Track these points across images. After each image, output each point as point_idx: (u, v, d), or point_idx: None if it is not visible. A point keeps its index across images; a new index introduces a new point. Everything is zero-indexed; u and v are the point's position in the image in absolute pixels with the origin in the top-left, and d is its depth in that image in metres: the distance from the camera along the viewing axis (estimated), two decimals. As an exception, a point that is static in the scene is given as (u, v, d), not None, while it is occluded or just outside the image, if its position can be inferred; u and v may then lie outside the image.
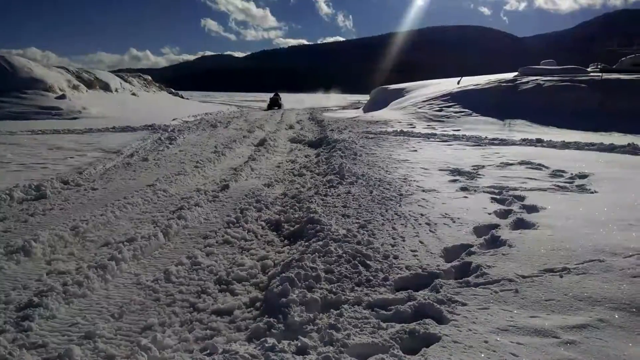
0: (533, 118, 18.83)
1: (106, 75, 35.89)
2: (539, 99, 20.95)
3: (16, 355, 2.91)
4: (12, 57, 28.60)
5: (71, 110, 24.19)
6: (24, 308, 3.50)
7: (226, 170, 9.82)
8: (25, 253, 4.62)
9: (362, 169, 8.77)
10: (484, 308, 3.30)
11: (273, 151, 12.69)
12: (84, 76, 31.96)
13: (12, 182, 7.67)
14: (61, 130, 17.05)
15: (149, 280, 4.14)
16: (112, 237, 5.32)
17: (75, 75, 31.42)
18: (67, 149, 12.15)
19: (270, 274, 4.19)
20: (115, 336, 3.22)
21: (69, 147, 12.48)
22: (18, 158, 10.52)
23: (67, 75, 30.28)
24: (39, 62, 31.12)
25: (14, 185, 7.34)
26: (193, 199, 7.04)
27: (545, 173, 8.37)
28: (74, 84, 29.31)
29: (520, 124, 18.41)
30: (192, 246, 5.12)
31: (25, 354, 2.94)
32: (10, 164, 9.83)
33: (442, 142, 13.70)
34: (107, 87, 33.17)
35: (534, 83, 22.83)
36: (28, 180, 7.95)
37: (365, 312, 3.37)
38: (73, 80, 29.72)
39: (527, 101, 20.97)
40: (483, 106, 21.10)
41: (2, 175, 8.55)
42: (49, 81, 27.11)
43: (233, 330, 3.33)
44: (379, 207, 6.14)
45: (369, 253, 4.38)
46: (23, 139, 14.34)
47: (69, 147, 12.59)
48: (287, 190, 7.68)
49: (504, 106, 20.64)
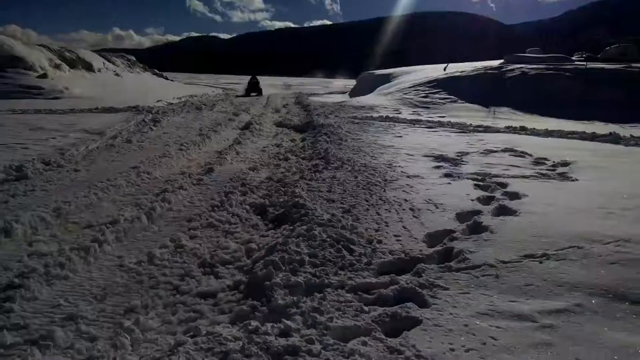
0: (518, 106, 18.96)
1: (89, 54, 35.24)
2: (524, 87, 21.08)
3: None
4: (-8, 35, 27.91)
5: (53, 89, 23.75)
6: (5, 289, 3.48)
7: (211, 153, 9.76)
8: (6, 234, 4.57)
9: (347, 154, 8.78)
10: (465, 293, 3.35)
11: (258, 135, 12.64)
12: (66, 55, 31.33)
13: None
14: (43, 110, 16.75)
15: (132, 263, 4.13)
16: (95, 219, 5.28)
17: (57, 54, 30.77)
18: (48, 130, 11.95)
19: (255, 258, 4.20)
20: (97, 318, 3.22)
21: (51, 128, 12.26)
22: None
23: (49, 54, 29.65)
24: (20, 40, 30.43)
25: (-6, 166, 7.23)
26: (177, 181, 7.00)
27: (528, 161, 8.46)
28: (56, 63, 28.72)
29: (505, 111, 18.54)
30: (176, 229, 5.10)
31: (7, 335, 2.92)
32: (-10, 143, 9.65)
33: (428, 129, 13.74)
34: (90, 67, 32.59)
35: (519, 71, 22.94)
36: (8, 160, 7.82)
37: (349, 295, 3.40)
38: (55, 59, 29.12)
39: (512, 89, 21.11)
40: (469, 93, 21.18)
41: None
42: (30, 60, 26.53)
43: (217, 312, 3.35)
44: (363, 192, 6.17)
45: (353, 237, 4.41)
46: (3, 118, 14.06)
47: (51, 127, 12.37)
48: (272, 175, 7.66)
49: (489, 93, 20.75)
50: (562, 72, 21.83)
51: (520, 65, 23.92)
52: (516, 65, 24.31)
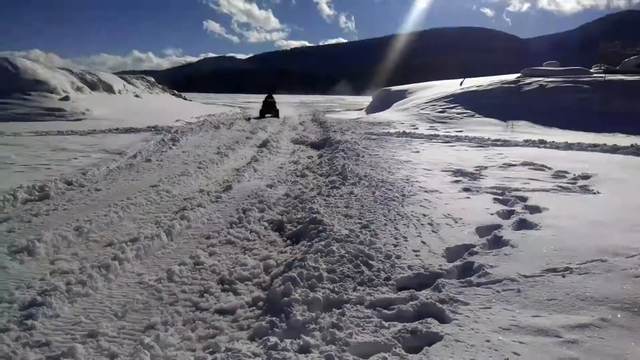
0: (536, 119, 18.80)
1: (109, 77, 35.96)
2: (542, 100, 20.92)
3: (19, 354, 2.93)
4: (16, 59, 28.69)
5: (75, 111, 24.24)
6: (28, 307, 3.52)
7: (229, 171, 9.84)
8: (29, 253, 4.65)
9: (364, 170, 8.78)
10: (486, 307, 3.30)
11: (276, 152, 12.71)
12: (87, 78, 32.02)
13: (16, 183, 7.70)
14: (65, 131, 17.09)
15: (152, 280, 4.16)
16: (115, 237, 5.34)
17: (79, 77, 31.47)
18: (70, 150, 12.19)
19: (273, 274, 4.20)
20: (118, 335, 3.23)
21: (73, 148, 12.51)
22: (22, 159, 10.55)
23: (71, 77, 30.35)
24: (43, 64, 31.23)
25: (18, 186, 7.38)
26: (196, 199, 7.06)
27: (548, 174, 8.36)
28: (78, 85, 29.37)
29: (523, 125, 18.39)
30: (195, 246, 5.13)
31: (29, 352, 2.96)
32: (14, 165, 9.86)
33: (445, 143, 13.70)
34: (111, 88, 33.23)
35: (537, 84, 22.80)
36: (32, 181, 7.98)
37: (368, 311, 3.38)
38: (77, 82, 29.78)
39: (530, 102, 20.95)
40: (486, 107, 21.08)
41: (6, 176, 8.58)
42: (52, 83, 27.17)
43: (236, 329, 3.34)
44: (381, 207, 6.15)
45: (371, 253, 4.39)
46: (27, 140, 14.38)
47: (73, 148, 12.62)
48: (289, 191, 7.68)
49: (506, 107, 20.62)
50: (580, 85, 21.63)
51: (538, 79, 23.77)
52: (534, 78, 24.17)
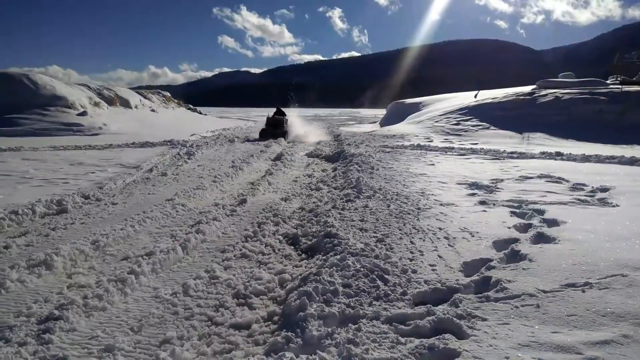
0: (552, 131, 18.63)
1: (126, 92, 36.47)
2: (557, 112, 20.74)
3: (37, 368, 2.94)
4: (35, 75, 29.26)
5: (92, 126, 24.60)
6: (45, 321, 3.54)
7: (244, 184, 9.88)
8: (47, 267, 4.69)
9: (379, 183, 8.75)
10: (504, 323, 3.26)
11: (290, 165, 12.75)
12: (104, 93, 32.53)
13: (35, 197, 7.81)
14: (82, 146, 17.34)
15: (167, 294, 4.16)
16: (131, 251, 5.38)
17: (97, 92, 31.99)
18: (88, 165, 12.35)
19: (288, 288, 4.18)
20: (134, 349, 3.23)
21: (90, 163, 12.68)
22: (40, 173, 10.72)
23: (89, 93, 30.86)
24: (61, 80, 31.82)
25: (36, 200, 7.49)
26: (211, 213, 7.08)
27: (565, 186, 8.26)
28: (95, 101, 29.84)
29: (539, 137, 18.23)
30: (210, 260, 5.14)
31: (46, 367, 2.97)
32: (33, 179, 10.01)
33: (460, 156, 13.63)
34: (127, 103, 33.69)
35: (552, 96, 22.62)
36: (50, 195, 8.09)
37: (384, 326, 3.34)
38: (94, 97, 30.27)
39: (546, 114, 20.77)
40: (501, 119, 20.96)
41: (24, 191, 8.71)
42: (70, 98, 27.65)
43: (251, 344, 3.33)
44: (396, 221, 6.11)
45: (387, 267, 4.36)
46: (45, 154, 14.61)
47: (90, 162, 12.79)
48: (304, 205, 7.69)
49: (522, 119, 20.48)
50: (597, 97, 21.42)
51: (554, 91, 23.60)
52: (549, 90, 24.00)
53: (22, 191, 8.66)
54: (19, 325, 3.50)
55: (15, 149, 15.83)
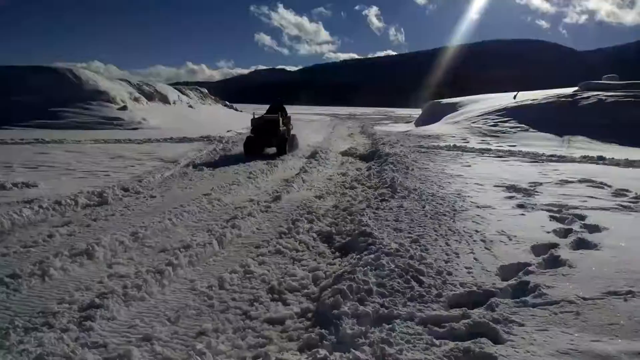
0: (594, 134, 18.07)
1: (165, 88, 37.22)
2: (600, 115, 20.09)
3: (78, 354, 3.04)
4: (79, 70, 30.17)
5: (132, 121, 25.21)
6: (87, 309, 3.65)
7: (278, 181, 9.95)
8: (88, 256, 4.84)
9: (414, 183, 8.68)
10: (542, 329, 3.18)
11: (324, 163, 12.77)
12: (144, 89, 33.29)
13: (77, 189, 8.06)
14: (122, 140, 17.79)
15: (203, 287, 4.24)
16: (169, 243, 5.49)
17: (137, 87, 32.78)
18: (127, 158, 12.66)
19: (322, 286, 4.20)
20: (171, 339, 3.30)
21: (130, 156, 13.00)
22: (82, 166, 11.05)
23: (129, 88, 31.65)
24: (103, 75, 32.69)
25: (78, 192, 7.72)
26: (246, 208, 7.17)
27: (607, 192, 8.01)
28: (135, 96, 30.57)
29: (580, 140, 17.72)
30: (245, 255, 5.20)
31: (87, 353, 3.06)
32: (75, 171, 10.34)
33: (497, 158, 13.38)
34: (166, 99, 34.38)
35: (595, 98, 21.94)
36: (91, 187, 8.33)
37: (418, 328, 3.32)
38: (134, 93, 31.01)
39: (588, 117, 20.15)
40: (540, 122, 20.45)
41: (67, 182, 9.00)
42: (112, 93, 28.40)
43: (285, 339, 3.36)
44: (431, 222, 6.05)
45: (421, 268, 4.32)
46: (87, 147, 15.06)
47: (130, 156, 13.11)
48: (338, 203, 7.69)
49: (562, 122, 19.93)
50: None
51: (597, 93, 22.89)
52: (592, 92, 23.29)
53: (65, 182, 8.95)
54: (61, 312, 3.61)
55: (59, 142, 16.36)
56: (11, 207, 6.76)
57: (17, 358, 2.94)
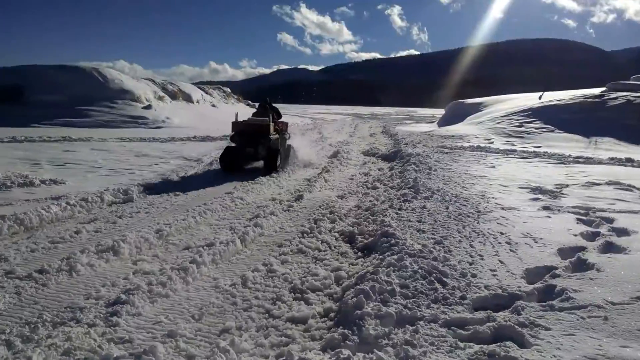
0: (622, 136, 17.67)
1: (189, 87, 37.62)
2: (629, 116, 19.63)
3: (105, 349, 3.08)
4: (105, 69, 30.71)
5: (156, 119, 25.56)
6: (113, 304, 3.71)
7: (300, 180, 9.97)
8: (114, 252, 4.91)
9: (437, 184, 8.61)
10: (569, 334, 3.13)
11: (346, 163, 12.75)
12: (168, 88, 33.71)
13: (103, 186, 8.20)
14: (147, 138, 18.04)
15: (227, 285, 4.26)
16: (192, 241, 5.54)
17: (161, 86, 33.22)
18: (151, 156, 12.83)
19: (345, 286, 4.19)
20: (195, 336, 3.33)
21: (154, 155, 13.17)
22: (108, 163, 11.24)
23: (154, 87, 32.09)
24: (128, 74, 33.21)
25: (104, 189, 7.85)
26: (268, 207, 7.19)
27: (636, 195, 7.82)
28: (159, 95, 30.99)
29: (608, 142, 17.35)
30: (267, 253, 5.22)
31: (113, 348, 3.11)
32: (101, 168, 10.52)
33: (522, 159, 13.18)
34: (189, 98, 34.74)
35: (623, 99, 21.46)
36: (116, 184, 8.46)
37: (442, 330, 3.29)
38: (159, 92, 31.44)
39: (616, 118, 19.72)
40: (567, 122, 20.09)
41: (93, 179, 9.16)
42: (136, 92, 28.84)
43: (308, 339, 3.36)
44: (455, 223, 5.99)
45: (445, 270, 4.28)
46: (112, 145, 15.30)
47: (154, 154, 13.28)
48: (360, 203, 7.67)
49: (589, 123, 19.54)
50: (673, 100, 20.15)
51: (625, 93, 22.38)
52: (620, 93, 22.78)
53: (91, 179, 9.11)
54: (88, 307, 3.67)
55: (85, 140, 16.67)
56: (39, 203, 6.92)
57: (45, 352, 2.99)
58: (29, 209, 6.29)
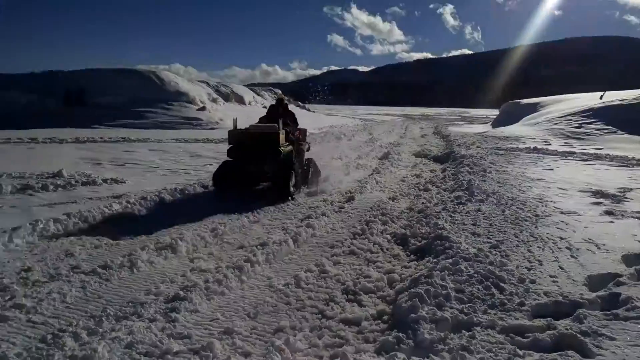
0: (693, 139, 16.68)
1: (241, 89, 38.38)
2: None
3: (165, 344, 3.18)
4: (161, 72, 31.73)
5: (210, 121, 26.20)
6: (172, 300, 3.82)
7: (351, 182, 9.94)
8: (172, 250, 5.07)
9: (492, 187, 8.40)
10: (635, 345, 2.99)
11: (397, 165, 12.64)
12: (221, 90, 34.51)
13: (160, 185, 8.47)
14: (201, 139, 18.51)
15: (280, 284, 4.31)
16: (246, 240, 5.65)
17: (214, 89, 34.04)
18: (205, 157, 13.16)
19: (398, 289, 4.15)
20: (250, 334, 3.39)
21: (208, 155, 13.50)
22: (164, 163, 11.61)
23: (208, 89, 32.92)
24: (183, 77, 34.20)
25: (162, 188, 8.10)
26: (320, 208, 7.22)
27: None
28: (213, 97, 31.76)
29: (676, 143, 16.42)
30: (319, 254, 5.25)
31: (173, 343, 3.20)
32: (158, 168, 10.88)
33: (582, 161, 12.67)
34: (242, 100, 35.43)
35: (694, 98, 20.27)
36: (173, 184, 8.72)
37: (500, 336, 3.21)
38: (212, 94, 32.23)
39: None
40: (630, 123, 19.12)
41: (151, 178, 9.49)
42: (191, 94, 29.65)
43: (361, 341, 3.35)
44: (512, 227, 5.83)
45: (502, 275, 4.16)
46: (169, 146, 15.79)
47: (208, 155, 13.62)
48: (412, 205, 7.58)
49: (655, 124, 18.55)
50: None
51: (696, 92, 21.12)
52: (690, 92, 21.51)
53: (150, 179, 9.43)
54: (148, 302, 3.80)
55: (143, 140, 17.29)
56: (102, 201, 7.22)
57: (110, 345, 3.12)
58: (93, 207, 6.58)
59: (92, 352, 2.98)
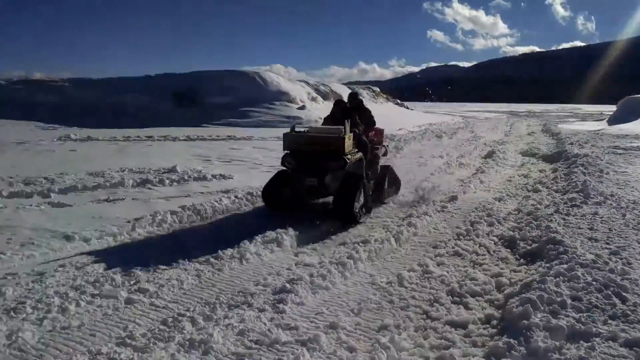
0: None
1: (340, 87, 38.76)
2: None
3: (274, 333, 3.31)
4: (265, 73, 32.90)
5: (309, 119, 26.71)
6: (279, 292, 3.96)
7: (453, 181, 9.67)
8: (278, 244, 5.25)
9: (610, 188, 7.77)
10: None
11: (503, 164, 12.09)
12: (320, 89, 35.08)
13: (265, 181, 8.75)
14: (301, 137, 18.94)
15: (383, 282, 4.31)
16: (348, 237, 5.70)
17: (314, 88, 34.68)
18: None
19: (507, 293, 3.98)
20: (355, 330, 3.42)
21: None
22: (267, 160, 12.03)
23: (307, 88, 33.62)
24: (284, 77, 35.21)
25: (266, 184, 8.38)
26: (421, 207, 7.10)
27: None
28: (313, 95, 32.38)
29: None
30: (422, 254, 5.18)
31: (281, 333, 3.32)
32: (262, 165, 11.30)
33: None
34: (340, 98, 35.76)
35: None
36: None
37: (623, 350, 2.98)
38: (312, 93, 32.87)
39: None
40: None
41: (256, 175, 9.88)
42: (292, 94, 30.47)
43: (468, 344, 3.26)
44: (634, 233, 5.37)
45: (624, 284, 3.85)
46: (271, 144, 16.32)
47: (309, 152, 13.88)
48: (520, 206, 7.22)
49: None
50: None
51: None
52: None
53: (254, 175, 9.82)
54: (258, 293, 3.98)
55: (247, 138, 18.05)
56: (212, 196, 7.63)
57: (223, 331, 3.30)
58: (204, 201, 6.98)
59: (208, 337, 3.17)
